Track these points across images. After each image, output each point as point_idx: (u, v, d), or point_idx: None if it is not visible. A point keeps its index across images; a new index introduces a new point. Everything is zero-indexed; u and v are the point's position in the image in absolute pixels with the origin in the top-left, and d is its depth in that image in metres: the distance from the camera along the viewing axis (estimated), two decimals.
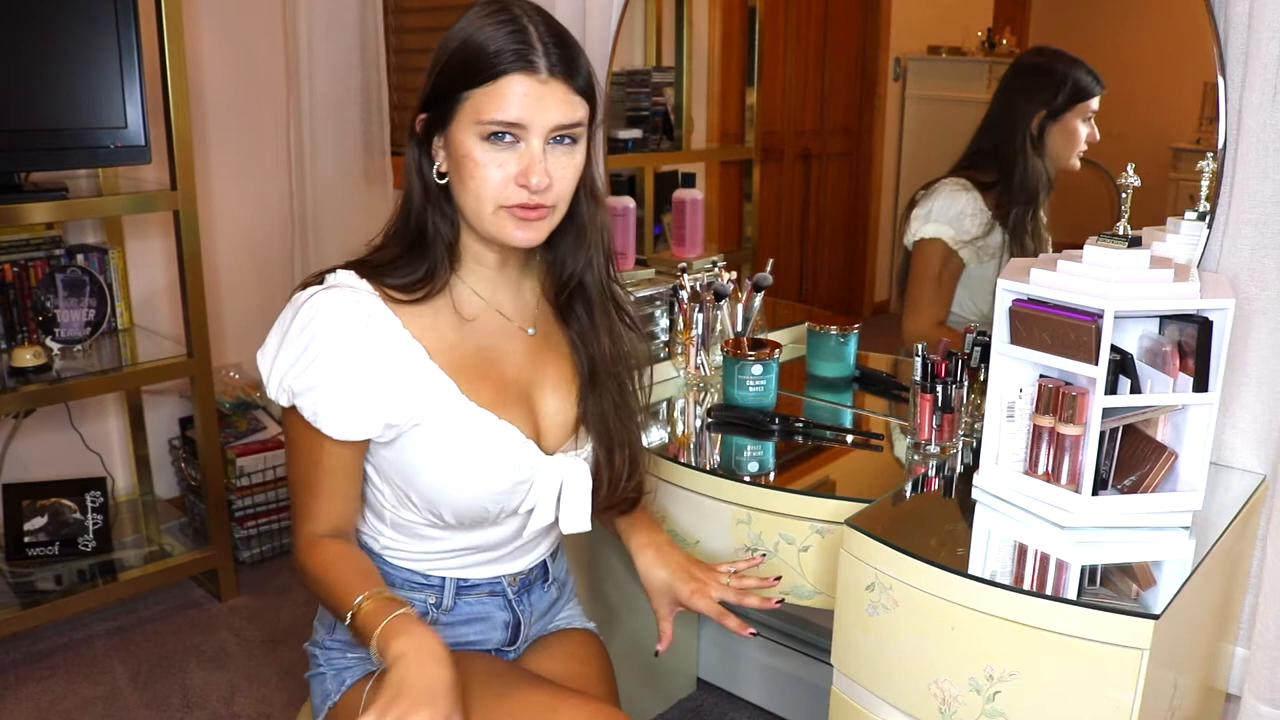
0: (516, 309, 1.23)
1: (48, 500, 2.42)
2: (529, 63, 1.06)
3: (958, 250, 1.71)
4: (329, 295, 1.11)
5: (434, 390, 1.14)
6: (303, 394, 1.11)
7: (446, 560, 1.25)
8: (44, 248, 2.40)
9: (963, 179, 1.72)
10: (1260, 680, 1.37)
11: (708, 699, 2.13)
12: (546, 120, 1.07)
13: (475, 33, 1.08)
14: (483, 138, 1.08)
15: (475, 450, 1.16)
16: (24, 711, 2.07)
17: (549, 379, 1.24)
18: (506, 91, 1.06)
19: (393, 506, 1.21)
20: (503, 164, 1.08)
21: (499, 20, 1.07)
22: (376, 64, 2.85)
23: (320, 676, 1.29)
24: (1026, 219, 1.68)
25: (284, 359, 1.12)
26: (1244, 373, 1.39)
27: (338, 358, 1.10)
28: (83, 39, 2.10)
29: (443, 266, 1.16)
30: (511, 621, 1.31)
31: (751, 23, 2.15)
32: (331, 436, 1.12)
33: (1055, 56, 1.69)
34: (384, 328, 1.12)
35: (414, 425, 1.14)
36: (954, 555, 1.15)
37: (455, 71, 1.08)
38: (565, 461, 1.23)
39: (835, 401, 1.74)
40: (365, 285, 1.13)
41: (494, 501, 1.18)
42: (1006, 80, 1.71)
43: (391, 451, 1.17)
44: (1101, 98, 1.62)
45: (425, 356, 1.14)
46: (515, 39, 1.06)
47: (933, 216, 1.73)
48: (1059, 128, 1.63)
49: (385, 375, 1.11)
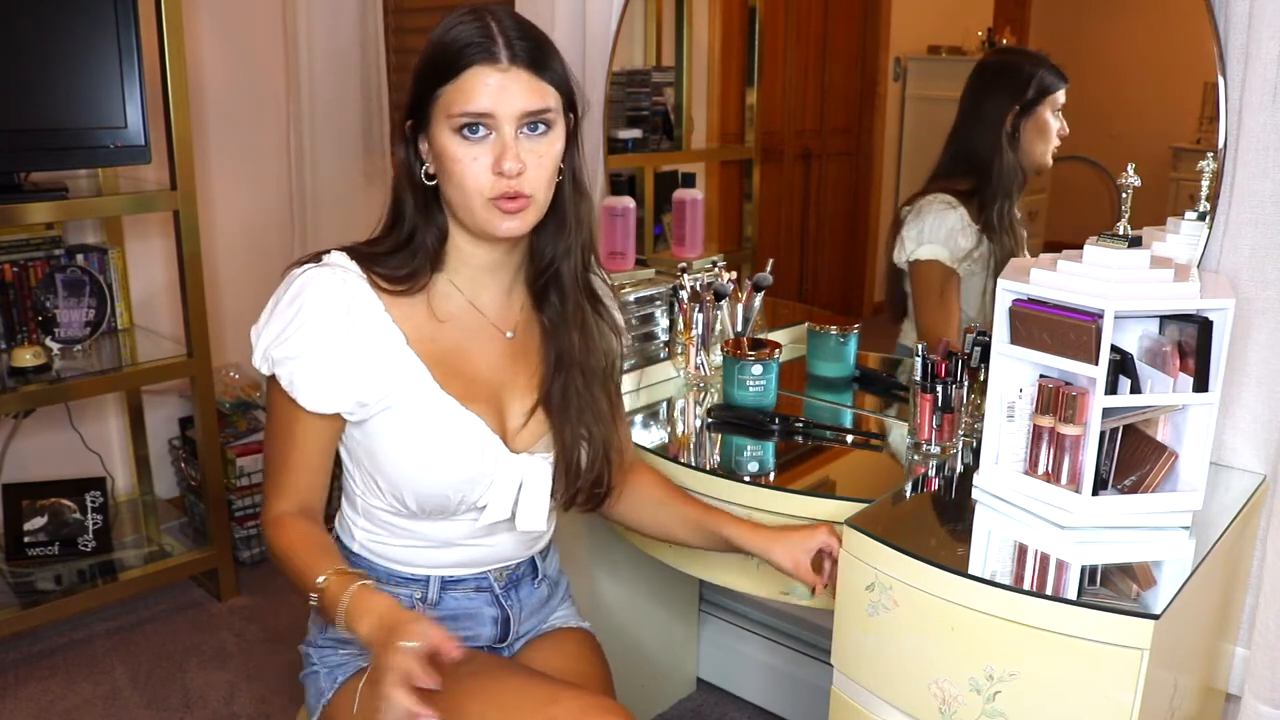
0: (499, 311, 1.26)
1: (48, 500, 2.42)
2: (490, 54, 1.10)
3: (955, 267, 1.73)
4: (318, 272, 1.16)
5: (408, 375, 1.18)
6: (282, 362, 1.15)
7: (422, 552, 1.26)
8: (44, 248, 2.40)
9: (946, 195, 1.75)
10: (1260, 680, 1.37)
11: (708, 699, 2.13)
12: (513, 107, 1.11)
13: (443, 34, 1.13)
14: (455, 131, 1.11)
15: (441, 438, 1.19)
16: (24, 711, 2.07)
17: (520, 384, 1.26)
18: (471, 83, 1.10)
19: (362, 493, 1.25)
20: (478, 156, 1.12)
21: (465, 21, 1.12)
22: (376, 64, 2.85)
23: (314, 675, 1.30)
24: (1002, 216, 1.70)
25: (270, 330, 1.16)
26: (1244, 373, 1.39)
27: (318, 331, 1.14)
28: (83, 39, 2.10)
29: (426, 267, 1.20)
30: (500, 617, 1.32)
31: (751, 23, 2.15)
32: (304, 407, 1.15)
33: (1018, 54, 1.73)
34: (366, 308, 1.16)
35: (385, 408, 1.18)
36: (954, 555, 1.15)
37: (427, 73, 1.13)
38: (527, 461, 1.25)
39: (835, 401, 1.74)
40: (355, 267, 1.17)
41: (455, 489, 1.21)
42: (972, 82, 1.74)
43: (361, 433, 1.20)
44: (1073, 92, 1.65)
45: (403, 342, 1.18)
46: (478, 34, 1.11)
47: (925, 238, 1.76)
48: (1032, 122, 1.66)
49: (362, 353, 1.15)
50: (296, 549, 1.15)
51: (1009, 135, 1.67)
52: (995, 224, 1.70)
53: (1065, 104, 1.65)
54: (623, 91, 2.11)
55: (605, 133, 2.05)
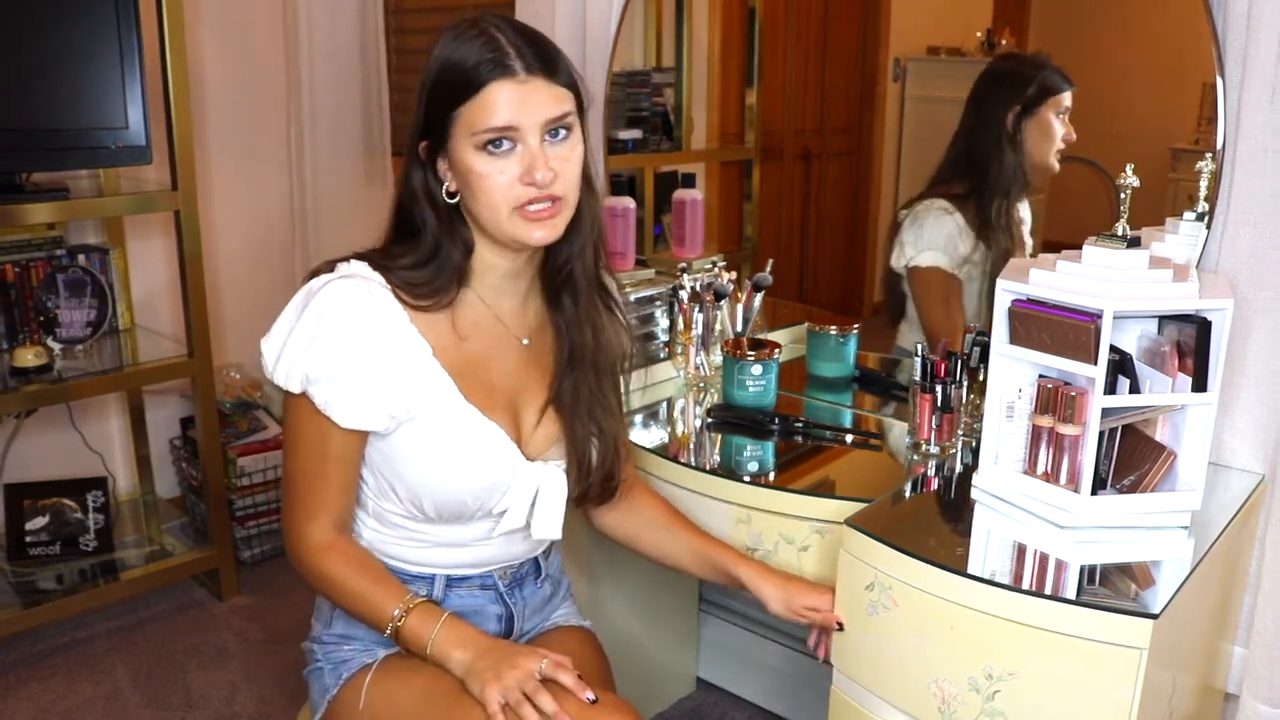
0: (516, 318, 1.26)
1: (49, 500, 2.42)
2: (505, 67, 1.09)
3: (955, 273, 1.73)
4: (344, 285, 1.14)
5: (434, 386, 1.17)
6: (317, 382, 1.13)
7: (428, 552, 1.26)
8: (45, 248, 2.40)
9: (943, 201, 1.75)
10: (1259, 680, 1.38)
11: (708, 699, 2.13)
12: (536, 117, 1.11)
13: (450, 54, 1.12)
14: (480, 148, 1.11)
15: (463, 447, 1.19)
16: (24, 711, 2.08)
17: (533, 388, 1.27)
18: (492, 99, 1.09)
19: (375, 497, 1.24)
20: (504, 170, 1.11)
21: (468, 37, 1.12)
22: (376, 64, 2.85)
23: (318, 671, 1.30)
24: (999, 215, 1.70)
25: (295, 345, 1.14)
26: (1243, 373, 1.39)
27: (350, 348, 1.13)
28: (83, 39, 2.11)
29: (453, 284, 1.19)
30: (504, 615, 1.32)
31: (751, 23, 2.15)
32: (341, 425, 1.14)
33: (1023, 59, 1.74)
34: (393, 321, 1.15)
35: (410, 419, 1.17)
36: (953, 555, 1.16)
37: (441, 94, 1.12)
38: (544, 469, 1.25)
39: (835, 401, 1.75)
40: (378, 278, 1.16)
41: (474, 497, 1.21)
42: (977, 86, 1.74)
43: (384, 443, 1.19)
44: (1074, 94, 1.64)
45: (429, 353, 1.17)
46: (488, 49, 1.10)
47: (925, 244, 1.76)
48: (1034, 122, 1.66)
49: (392, 368, 1.14)
50: (354, 578, 1.19)
51: (1010, 135, 1.67)
52: (992, 223, 1.70)
53: (1070, 108, 1.64)
54: (623, 92, 2.11)
55: (605, 133, 2.05)
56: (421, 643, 1.16)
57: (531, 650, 1.14)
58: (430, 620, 1.17)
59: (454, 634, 1.16)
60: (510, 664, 1.11)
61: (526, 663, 1.12)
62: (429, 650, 1.16)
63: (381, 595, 1.18)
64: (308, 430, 1.17)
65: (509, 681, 1.10)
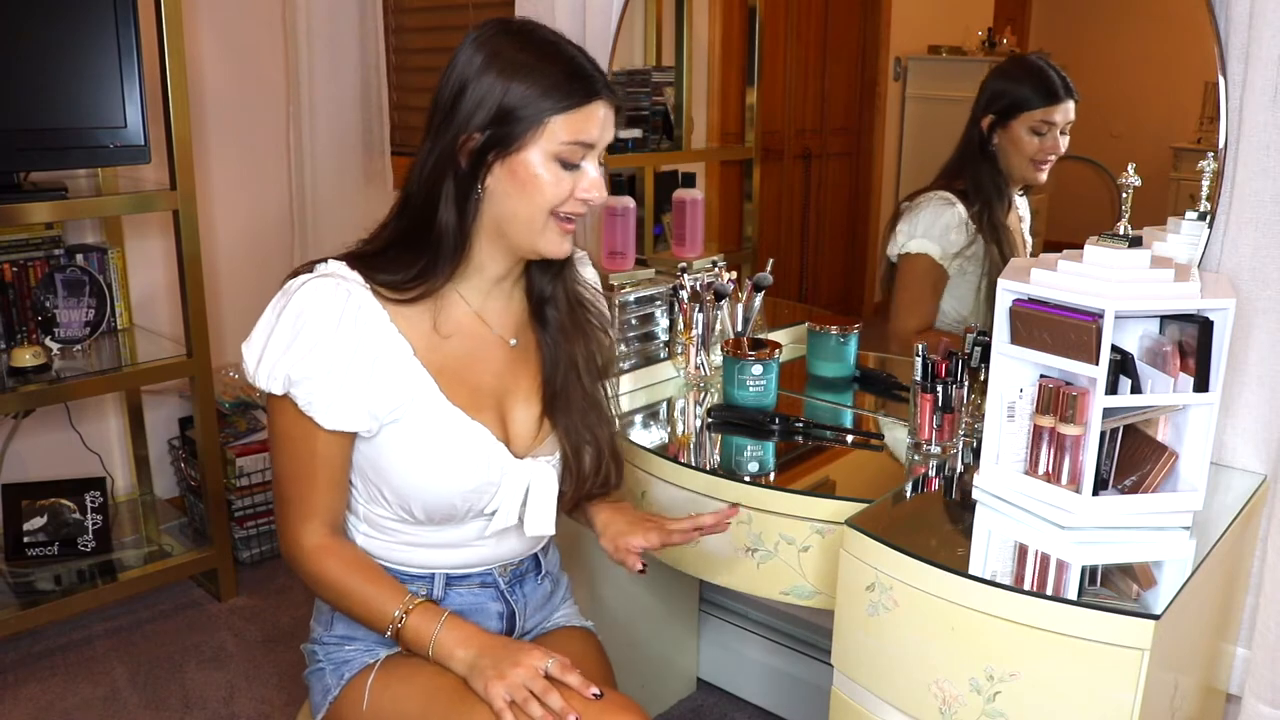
0: (502, 319, 1.26)
1: (47, 500, 2.42)
2: (608, 89, 1.13)
3: (944, 264, 1.73)
4: (321, 284, 1.13)
5: (415, 387, 1.17)
6: (299, 382, 1.13)
7: (423, 553, 1.26)
8: (43, 247, 2.40)
9: (945, 192, 1.74)
10: (1261, 681, 1.37)
11: (708, 699, 2.13)
12: (606, 140, 1.15)
13: (548, 58, 1.11)
14: (555, 157, 1.12)
15: (448, 449, 1.19)
16: (24, 711, 2.07)
17: (522, 389, 1.27)
18: (595, 114, 1.12)
19: (365, 502, 1.24)
20: (560, 181, 1.13)
21: (557, 46, 1.13)
22: (376, 64, 2.85)
23: (319, 672, 1.30)
24: (988, 220, 1.70)
25: (275, 346, 1.13)
26: (1244, 373, 1.39)
27: (330, 348, 1.12)
28: (82, 39, 2.10)
29: (444, 275, 1.17)
30: (506, 612, 1.32)
31: (751, 23, 2.15)
32: (324, 426, 1.14)
33: (1022, 65, 1.72)
34: (372, 320, 1.14)
35: (393, 420, 1.17)
36: (954, 555, 1.15)
37: (536, 94, 1.10)
38: (533, 466, 1.25)
39: (835, 401, 1.74)
40: (356, 277, 1.15)
41: (463, 499, 1.21)
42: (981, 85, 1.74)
43: (369, 447, 1.19)
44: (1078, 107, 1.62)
45: (410, 353, 1.16)
46: (589, 65, 1.13)
47: (918, 232, 1.76)
48: (1005, 134, 1.66)
49: (372, 368, 1.14)
50: (352, 580, 1.19)
51: (980, 144, 1.68)
52: (983, 226, 1.70)
53: (1057, 122, 1.63)
54: (623, 91, 2.10)
55: None
56: (423, 643, 1.16)
57: (534, 647, 1.14)
58: (431, 620, 1.17)
59: (456, 633, 1.16)
60: (514, 661, 1.11)
61: (530, 660, 1.11)
62: (431, 650, 1.16)
63: (381, 597, 1.18)
64: (293, 432, 1.16)
65: (513, 679, 1.10)
